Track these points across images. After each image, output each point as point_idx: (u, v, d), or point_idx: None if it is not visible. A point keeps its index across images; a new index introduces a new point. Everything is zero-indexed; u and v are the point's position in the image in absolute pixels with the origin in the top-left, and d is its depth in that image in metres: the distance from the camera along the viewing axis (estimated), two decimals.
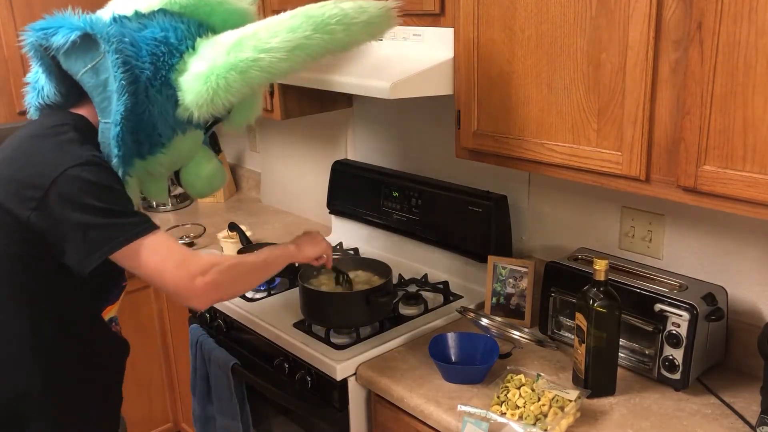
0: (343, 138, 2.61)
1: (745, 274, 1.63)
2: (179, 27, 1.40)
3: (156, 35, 1.36)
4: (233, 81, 1.32)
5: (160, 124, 1.38)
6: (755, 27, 1.17)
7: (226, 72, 1.32)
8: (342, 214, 2.55)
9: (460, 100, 1.70)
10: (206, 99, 1.33)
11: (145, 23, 1.38)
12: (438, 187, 2.19)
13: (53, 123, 1.36)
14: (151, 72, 1.34)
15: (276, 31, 1.35)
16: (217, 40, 1.40)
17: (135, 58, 1.32)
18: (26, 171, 1.29)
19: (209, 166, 1.59)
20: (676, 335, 1.53)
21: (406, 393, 1.62)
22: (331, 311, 1.87)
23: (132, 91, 1.30)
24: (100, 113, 1.34)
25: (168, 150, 1.42)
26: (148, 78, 1.33)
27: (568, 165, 1.52)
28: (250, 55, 1.33)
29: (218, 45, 1.37)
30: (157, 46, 1.35)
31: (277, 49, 1.34)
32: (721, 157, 1.26)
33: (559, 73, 1.48)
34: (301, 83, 1.91)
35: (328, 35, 1.39)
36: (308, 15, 1.38)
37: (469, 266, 2.12)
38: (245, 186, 3.28)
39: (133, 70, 1.31)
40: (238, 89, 1.33)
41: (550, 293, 1.78)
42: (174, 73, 1.36)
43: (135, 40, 1.34)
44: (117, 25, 1.34)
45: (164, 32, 1.37)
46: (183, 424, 2.83)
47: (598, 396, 1.56)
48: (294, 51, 1.35)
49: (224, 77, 1.32)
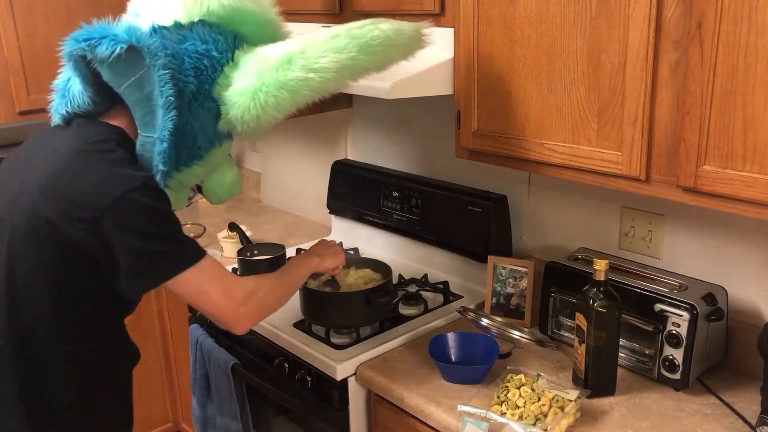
0: (343, 138, 2.61)
1: (745, 274, 1.63)
2: (219, 39, 1.39)
3: (198, 48, 1.35)
4: (283, 100, 1.33)
5: (200, 137, 1.38)
6: (755, 27, 1.17)
7: (276, 90, 1.33)
8: (342, 214, 2.55)
9: (460, 100, 1.70)
10: (252, 115, 1.34)
11: (185, 35, 1.36)
12: (438, 187, 2.19)
13: (97, 137, 1.33)
14: (195, 86, 1.33)
15: (324, 50, 1.36)
16: (259, 54, 1.39)
17: (178, 71, 1.31)
18: (79, 189, 1.26)
19: (231, 175, 1.61)
20: (676, 335, 1.53)
21: (406, 393, 1.62)
22: (331, 311, 1.87)
23: (177, 106, 1.30)
24: (142, 127, 1.32)
25: (204, 162, 1.43)
26: (192, 92, 1.33)
27: (568, 165, 1.52)
28: (300, 75, 1.33)
29: (264, 60, 1.37)
30: (200, 60, 1.35)
31: (326, 70, 1.34)
32: (721, 157, 1.26)
33: (559, 73, 1.48)
34: None
35: (370, 57, 1.40)
36: (352, 36, 1.38)
37: (469, 266, 2.12)
38: (245, 186, 3.28)
39: (178, 84, 1.30)
40: (287, 107, 1.35)
41: (550, 293, 1.78)
42: (216, 86, 1.37)
43: (177, 52, 1.33)
44: (158, 37, 1.32)
45: (206, 45, 1.36)
46: (183, 424, 2.83)
47: (598, 396, 1.56)
48: (341, 71, 1.36)
49: (274, 95, 1.33)
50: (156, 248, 1.28)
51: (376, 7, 1.82)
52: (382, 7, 1.80)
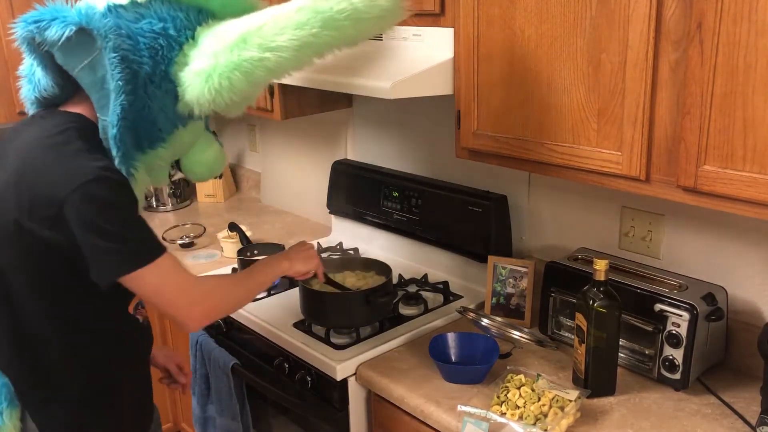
0: (343, 138, 2.61)
1: (745, 274, 1.63)
2: (178, 16, 1.32)
3: (154, 27, 1.29)
4: (237, 81, 1.27)
5: (160, 119, 1.34)
6: (755, 27, 1.17)
7: (229, 72, 1.27)
8: (342, 214, 2.55)
9: (460, 100, 1.70)
10: (207, 99, 1.28)
11: (142, 13, 1.30)
12: (438, 187, 2.19)
13: (55, 130, 1.29)
14: (150, 67, 1.28)
15: (283, 26, 1.29)
16: (219, 31, 1.33)
17: (132, 53, 1.26)
18: (37, 186, 1.24)
19: (210, 152, 1.54)
20: (676, 335, 1.53)
21: (406, 393, 1.62)
22: (331, 311, 1.87)
23: (129, 90, 1.26)
24: (99, 110, 1.30)
25: (168, 144, 1.39)
26: (147, 74, 1.28)
27: (568, 165, 1.52)
28: (255, 55, 1.27)
29: (221, 39, 1.30)
30: (155, 39, 1.28)
31: (284, 48, 1.28)
32: (721, 157, 1.26)
33: (559, 73, 1.48)
34: (301, 83, 1.91)
35: (336, 32, 1.34)
36: (316, 10, 1.32)
37: (469, 266, 2.12)
38: (245, 186, 3.28)
39: (131, 66, 1.25)
40: (242, 89, 1.29)
41: (550, 293, 1.78)
42: (174, 66, 1.31)
43: (132, 32, 1.27)
44: (113, 17, 1.27)
45: (163, 23, 1.30)
46: (183, 424, 2.83)
47: (598, 396, 1.56)
48: (301, 50, 1.30)
49: (228, 77, 1.27)
50: (110, 244, 1.23)
51: None
52: None
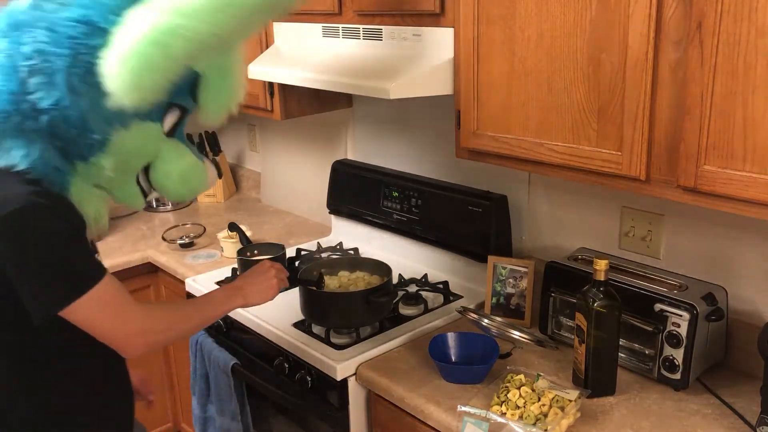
0: (343, 138, 2.61)
1: (745, 274, 1.63)
2: (102, 2, 1.18)
3: (74, 14, 1.16)
4: (153, 55, 1.12)
5: (91, 120, 1.20)
6: (755, 27, 1.17)
7: (143, 47, 1.11)
8: (342, 214, 2.55)
9: (460, 100, 1.70)
10: (131, 83, 1.13)
11: (65, 2, 1.18)
12: (438, 187, 2.19)
13: None
14: (71, 58, 1.15)
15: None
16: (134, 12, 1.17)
17: (52, 44, 1.14)
18: None
19: (181, 163, 1.38)
20: (676, 335, 1.53)
21: (406, 393, 1.62)
22: (331, 311, 1.87)
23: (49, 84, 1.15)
24: None
25: (109, 149, 1.25)
26: (68, 66, 1.15)
27: (568, 165, 1.52)
28: (167, 21, 1.12)
29: (134, 18, 1.15)
30: (74, 28, 1.15)
31: (198, 11, 1.13)
32: (721, 157, 1.26)
33: (559, 73, 1.48)
34: (301, 83, 1.91)
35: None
36: None
37: (469, 266, 2.12)
38: (245, 186, 3.28)
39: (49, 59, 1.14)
40: (163, 65, 1.14)
41: (550, 293, 1.78)
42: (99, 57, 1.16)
43: (52, 23, 1.15)
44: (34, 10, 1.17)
45: (84, 9, 1.17)
46: (183, 424, 2.83)
47: (598, 396, 1.56)
48: (218, 13, 1.14)
49: (142, 53, 1.11)
50: (40, 278, 1.17)
51: (376, 7, 1.81)
52: (381, 7, 1.80)
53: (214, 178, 1.51)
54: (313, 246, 2.51)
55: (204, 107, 1.39)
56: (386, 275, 1.93)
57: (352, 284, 1.96)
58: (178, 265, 2.45)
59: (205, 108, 1.40)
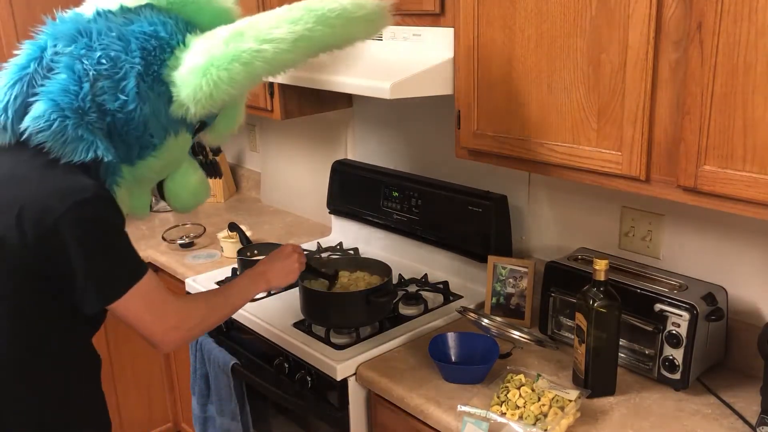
0: (343, 138, 2.61)
1: (745, 274, 1.63)
2: (168, 22, 1.34)
3: (145, 29, 1.31)
4: (236, 73, 1.27)
5: (151, 124, 1.32)
6: (755, 27, 1.17)
7: (227, 63, 1.26)
8: (342, 214, 2.55)
9: (460, 100, 1.70)
10: (205, 93, 1.27)
11: (132, 18, 1.33)
12: (438, 187, 2.19)
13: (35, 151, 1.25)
14: (142, 67, 1.28)
15: (278, 21, 1.31)
16: (210, 34, 1.34)
17: (125, 53, 1.27)
18: (27, 200, 1.21)
19: (195, 177, 1.55)
20: (676, 335, 1.53)
21: (406, 393, 1.62)
22: (331, 311, 1.87)
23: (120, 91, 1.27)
24: None
25: (159, 153, 1.37)
26: (139, 74, 1.28)
27: (568, 165, 1.52)
28: (253, 46, 1.27)
29: (212, 37, 1.31)
30: (147, 40, 1.30)
31: (281, 40, 1.29)
32: (721, 157, 1.26)
33: (559, 73, 1.48)
34: (301, 83, 1.91)
35: (329, 29, 1.36)
36: (309, 8, 1.35)
37: (469, 266, 2.12)
38: (245, 186, 3.28)
39: (123, 66, 1.27)
40: (241, 82, 1.28)
41: (550, 293, 1.78)
42: (166, 68, 1.31)
43: (122, 34, 1.29)
44: (102, 20, 1.30)
45: (153, 26, 1.32)
46: (183, 424, 2.83)
47: (598, 396, 1.56)
48: (298, 42, 1.31)
49: (226, 69, 1.26)
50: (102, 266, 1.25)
51: None
52: None
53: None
54: (313, 246, 2.51)
55: (215, 127, 1.53)
56: (386, 275, 1.93)
57: (352, 284, 1.96)
58: (178, 265, 2.45)
59: (215, 128, 1.53)
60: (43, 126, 1.22)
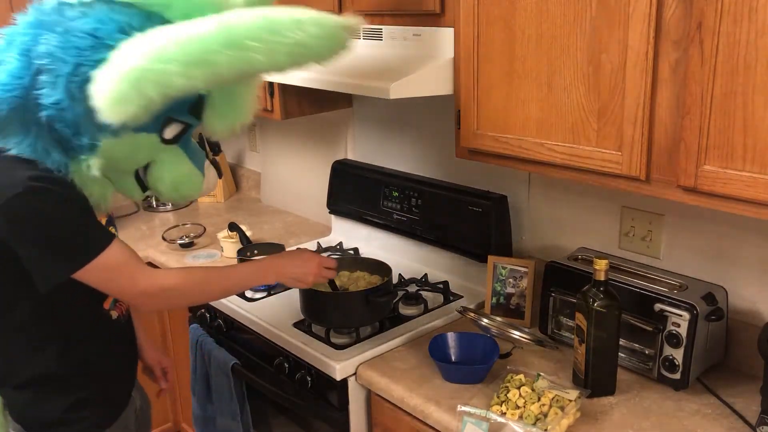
0: (343, 138, 2.61)
1: (745, 274, 1.63)
2: (116, 19, 1.26)
3: (85, 27, 1.25)
4: (126, 91, 1.17)
5: (84, 125, 1.28)
6: (755, 27, 1.17)
7: (119, 80, 1.17)
8: (342, 214, 2.55)
9: (460, 100, 1.70)
10: (108, 105, 1.18)
11: (86, 12, 1.27)
12: (438, 187, 2.19)
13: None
14: (72, 67, 1.23)
15: (186, 38, 1.18)
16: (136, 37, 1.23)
17: (62, 49, 1.24)
18: None
19: (175, 171, 1.47)
20: (676, 335, 1.53)
21: (406, 393, 1.62)
22: (331, 311, 1.87)
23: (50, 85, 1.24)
24: None
25: (98, 152, 1.33)
26: (69, 73, 1.24)
27: (568, 165, 1.52)
28: (143, 64, 1.16)
29: (128, 46, 1.21)
30: (82, 39, 1.24)
31: (173, 61, 1.16)
32: (721, 157, 1.26)
33: (559, 73, 1.48)
34: (301, 83, 1.91)
35: (241, 52, 1.18)
36: (228, 26, 1.19)
37: (469, 266, 2.12)
38: (245, 186, 3.29)
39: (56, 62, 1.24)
40: (133, 100, 1.17)
41: (550, 293, 1.78)
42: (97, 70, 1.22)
43: (67, 29, 1.25)
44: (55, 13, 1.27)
45: (97, 24, 1.25)
46: (183, 424, 2.83)
47: (598, 396, 1.56)
48: (193, 66, 1.16)
49: (117, 85, 1.17)
50: (42, 252, 1.30)
51: (376, 7, 1.82)
52: (381, 7, 1.80)
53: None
54: (313, 246, 2.51)
55: (208, 125, 1.48)
56: (386, 275, 1.93)
57: (352, 284, 1.96)
58: (178, 264, 2.45)
59: (209, 125, 1.49)
60: None
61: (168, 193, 1.50)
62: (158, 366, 1.86)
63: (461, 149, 1.75)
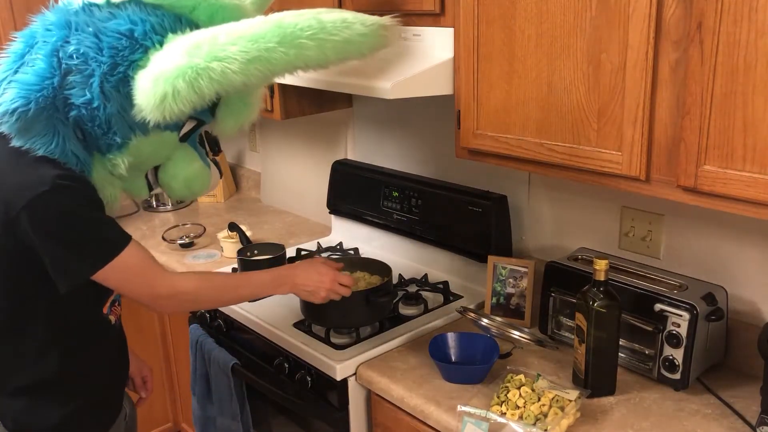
0: (343, 138, 2.61)
1: (745, 274, 1.63)
2: (149, 20, 1.30)
3: (120, 27, 1.28)
4: (181, 89, 1.21)
5: (116, 123, 1.31)
6: (755, 27, 1.17)
7: (173, 78, 1.21)
8: (342, 214, 2.55)
9: (460, 100, 1.70)
10: (154, 103, 1.23)
11: (115, 13, 1.30)
12: (438, 187, 2.19)
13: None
14: (108, 67, 1.26)
15: (238, 36, 1.24)
16: (182, 38, 1.28)
17: (94, 50, 1.26)
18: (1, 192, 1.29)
19: (189, 169, 1.51)
20: (676, 335, 1.53)
21: (406, 393, 1.62)
22: (331, 311, 1.87)
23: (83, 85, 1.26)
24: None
25: (127, 151, 1.36)
26: (104, 73, 1.26)
27: (568, 165, 1.52)
28: (200, 63, 1.21)
29: (178, 45, 1.26)
30: (119, 39, 1.27)
31: (231, 59, 1.21)
32: (721, 157, 1.26)
33: (559, 73, 1.48)
34: (301, 83, 1.91)
35: (294, 50, 1.26)
36: (279, 24, 1.26)
37: (469, 266, 2.12)
38: (245, 186, 3.28)
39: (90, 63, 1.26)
40: (186, 98, 1.22)
41: (550, 293, 1.78)
42: (136, 69, 1.28)
43: (99, 30, 1.27)
44: (85, 15, 1.29)
45: (131, 25, 1.28)
46: (183, 424, 2.83)
47: (598, 396, 1.56)
48: (251, 63, 1.23)
49: (171, 83, 1.21)
50: (65, 251, 1.30)
51: (376, 7, 1.82)
52: (381, 7, 1.80)
53: (217, 180, 1.63)
54: (313, 246, 2.51)
55: (220, 122, 1.52)
56: (386, 275, 1.93)
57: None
58: (178, 265, 2.45)
59: (221, 123, 1.52)
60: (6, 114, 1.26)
61: (180, 190, 1.53)
62: (138, 375, 1.84)
63: (461, 149, 1.75)
